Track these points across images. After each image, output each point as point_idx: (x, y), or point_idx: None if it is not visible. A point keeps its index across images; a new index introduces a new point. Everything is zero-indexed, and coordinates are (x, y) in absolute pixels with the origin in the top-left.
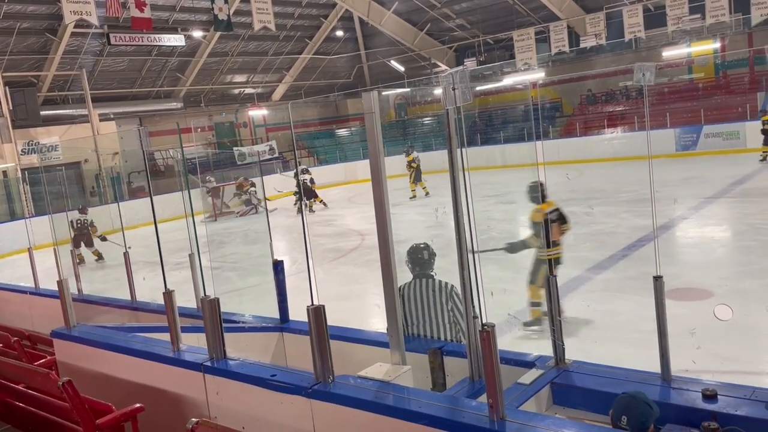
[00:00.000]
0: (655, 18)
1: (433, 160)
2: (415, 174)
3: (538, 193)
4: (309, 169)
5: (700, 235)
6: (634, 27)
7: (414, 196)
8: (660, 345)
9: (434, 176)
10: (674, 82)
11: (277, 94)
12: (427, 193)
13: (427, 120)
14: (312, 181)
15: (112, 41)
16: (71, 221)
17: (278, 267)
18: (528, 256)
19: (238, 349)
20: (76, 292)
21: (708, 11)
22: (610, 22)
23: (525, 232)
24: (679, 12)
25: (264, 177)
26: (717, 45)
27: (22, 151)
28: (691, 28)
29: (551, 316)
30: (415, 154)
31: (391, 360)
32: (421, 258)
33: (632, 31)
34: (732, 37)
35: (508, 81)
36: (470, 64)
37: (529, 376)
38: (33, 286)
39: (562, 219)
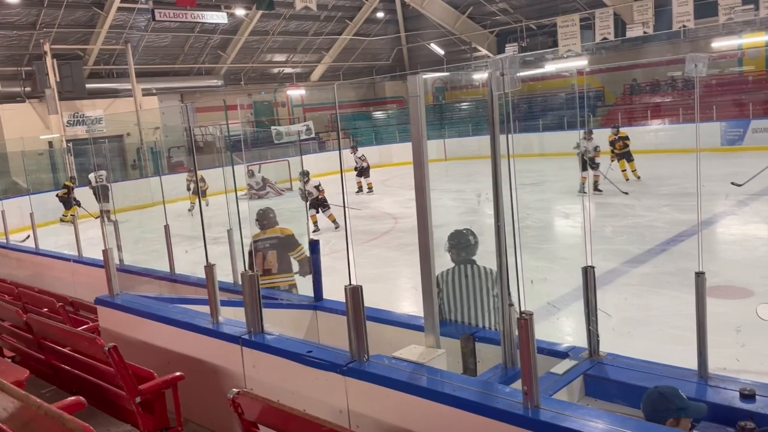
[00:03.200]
0: (705, 7)
1: (470, 145)
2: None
3: None
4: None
5: (742, 233)
6: (683, 16)
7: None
8: (698, 341)
9: (470, 162)
10: (723, 75)
11: (316, 74)
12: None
13: (464, 105)
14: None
15: (157, 17)
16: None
17: (314, 246)
18: (562, 248)
19: (273, 324)
20: (118, 262)
21: (762, 2)
22: (658, 10)
23: (560, 222)
24: (731, 2)
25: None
26: None
27: (67, 122)
28: (743, 20)
29: (588, 307)
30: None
31: (426, 343)
32: (466, 243)
33: (681, 21)
34: None
35: (550, 68)
36: (512, 49)
37: (562, 366)
38: (76, 254)
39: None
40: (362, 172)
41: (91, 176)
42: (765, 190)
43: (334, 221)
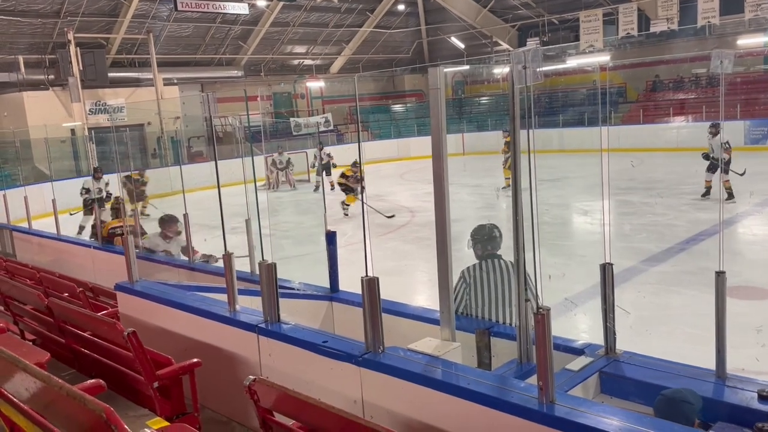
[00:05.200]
0: (731, 4)
1: (489, 140)
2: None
3: None
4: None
5: (764, 233)
6: (709, 12)
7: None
8: (717, 341)
9: (488, 157)
10: (749, 72)
11: (336, 66)
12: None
13: (484, 99)
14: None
15: (179, 7)
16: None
17: (331, 237)
18: (581, 245)
19: (290, 313)
20: (138, 249)
21: None
22: (683, 6)
23: (578, 219)
24: None
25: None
26: None
27: (89, 110)
28: None
29: (605, 304)
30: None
31: (441, 336)
32: (491, 236)
33: (706, 17)
34: None
35: (572, 63)
36: (533, 44)
37: (577, 363)
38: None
39: None
40: (328, 169)
41: (88, 182)
42: None
43: (332, 185)
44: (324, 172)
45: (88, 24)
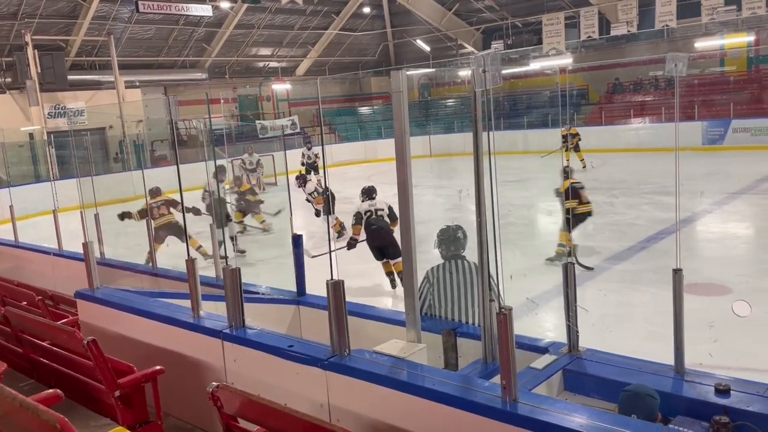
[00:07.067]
0: (688, 8)
1: (455, 142)
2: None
3: None
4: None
5: (721, 231)
6: (666, 16)
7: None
8: (675, 337)
9: (455, 159)
10: (705, 75)
11: (302, 69)
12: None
13: (450, 102)
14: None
15: (141, 9)
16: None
17: (297, 241)
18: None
19: (255, 318)
20: (99, 256)
21: (744, 3)
22: (642, 9)
23: (543, 219)
24: (713, 2)
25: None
26: (751, 38)
27: (48, 114)
28: (725, 20)
29: (567, 302)
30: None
31: (407, 337)
32: (454, 237)
33: (663, 20)
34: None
35: (535, 66)
36: (497, 46)
37: (541, 362)
38: (57, 247)
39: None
40: (315, 169)
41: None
42: (744, 189)
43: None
44: (312, 172)
45: (46, 26)
